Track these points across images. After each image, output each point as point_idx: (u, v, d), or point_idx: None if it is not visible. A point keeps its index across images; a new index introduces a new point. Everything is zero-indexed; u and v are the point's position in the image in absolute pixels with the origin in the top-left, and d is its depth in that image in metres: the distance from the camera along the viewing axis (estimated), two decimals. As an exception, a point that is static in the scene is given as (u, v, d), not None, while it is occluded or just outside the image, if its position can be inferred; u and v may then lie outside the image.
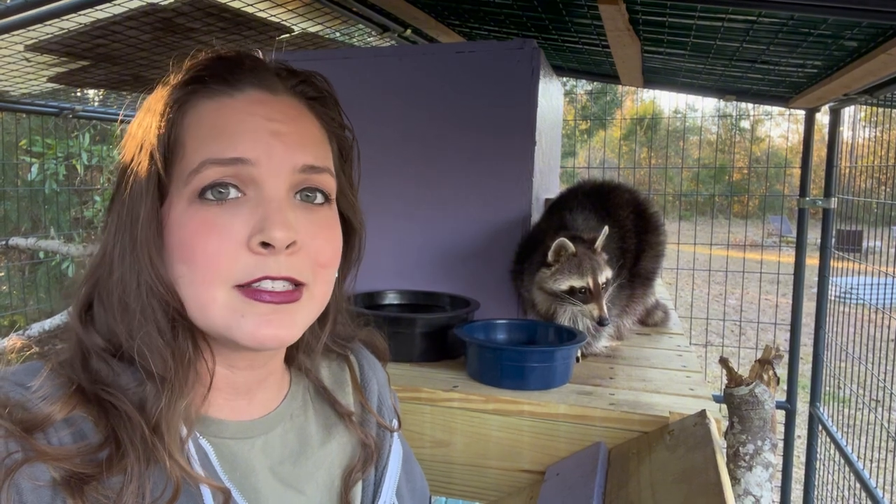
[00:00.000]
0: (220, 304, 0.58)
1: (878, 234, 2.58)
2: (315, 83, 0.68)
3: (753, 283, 3.28)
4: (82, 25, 1.85)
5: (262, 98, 0.63)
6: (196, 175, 0.59)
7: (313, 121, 0.66)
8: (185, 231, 0.58)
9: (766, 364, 0.97)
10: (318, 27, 2.19)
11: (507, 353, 1.14)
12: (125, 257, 0.59)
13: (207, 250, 0.57)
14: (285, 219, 0.59)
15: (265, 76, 0.64)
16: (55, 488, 0.50)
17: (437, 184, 1.53)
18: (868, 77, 1.77)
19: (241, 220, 0.58)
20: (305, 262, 0.61)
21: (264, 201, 0.59)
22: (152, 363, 0.57)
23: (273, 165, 0.60)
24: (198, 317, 0.60)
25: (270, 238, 0.57)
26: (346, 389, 0.78)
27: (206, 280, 0.58)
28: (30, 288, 4.07)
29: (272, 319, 0.59)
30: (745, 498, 0.90)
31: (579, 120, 4.31)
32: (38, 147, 3.88)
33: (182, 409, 0.57)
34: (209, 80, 0.62)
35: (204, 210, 0.58)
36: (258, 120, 0.61)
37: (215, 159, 0.59)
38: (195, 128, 0.61)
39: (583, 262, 1.25)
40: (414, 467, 0.85)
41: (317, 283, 0.63)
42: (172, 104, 0.61)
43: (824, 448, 2.71)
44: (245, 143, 0.60)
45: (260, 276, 0.58)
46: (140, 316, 0.58)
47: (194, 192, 0.59)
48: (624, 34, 1.72)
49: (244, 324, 0.58)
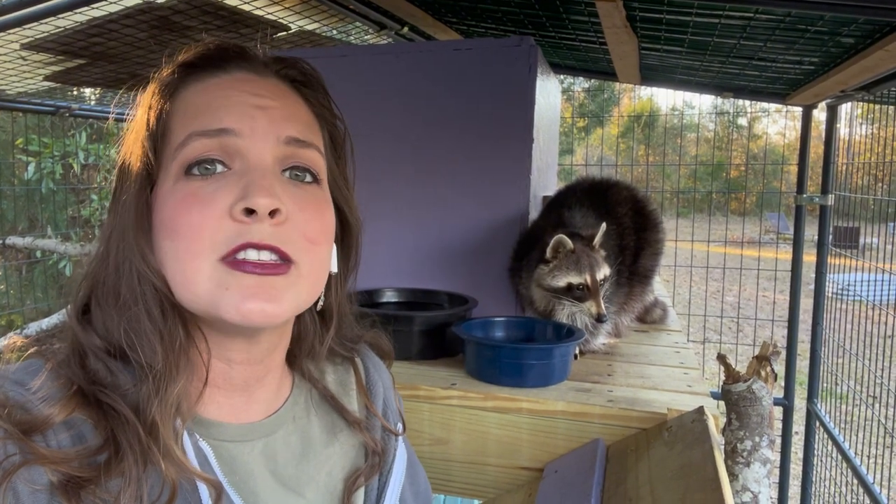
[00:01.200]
0: (204, 276, 0.57)
1: (874, 231, 2.59)
2: (301, 68, 0.69)
3: (751, 279, 3.29)
4: (78, 24, 1.85)
5: (248, 77, 0.64)
6: (182, 148, 0.59)
7: (300, 102, 0.67)
8: (169, 206, 0.58)
9: (764, 361, 0.98)
10: (316, 25, 2.19)
11: (505, 350, 1.14)
12: (119, 247, 0.59)
13: (191, 222, 0.57)
14: (270, 185, 0.58)
15: (251, 60, 0.66)
16: (52, 492, 0.50)
17: (434, 181, 1.53)
18: (865, 74, 1.78)
19: (225, 190, 0.58)
20: (293, 235, 0.59)
21: (249, 170, 0.59)
22: (140, 349, 0.56)
23: (257, 136, 0.60)
24: (183, 294, 0.58)
25: (253, 203, 0.56)
26: (351, 393, 0.77)
27: (189, 252, 0.57)
28: (27, 287, 4.06)
29: (257, 293, 0.57)
30: (743, 494, 0.90)
31: (577, 117, 4.31)
32: (35, 146, 3.87)
33: (175, 398, 0.56)
34: (196, 67, 0.64)
35: (190, 184, 0.59)
36: (243, 95, 0.62)
37: (200, 131, 0.59)
38: (182, 109, 0.62)
39: (581, 259, 1.25)
40: (418, 470, 0.84)
41: (306, 261, 0.61)
42: (161, 94, 0.62)
43: (822, 444, 2.72)
44: (230, 115, 0.60)
45: (242, 243, 0.56)
46: (132, 304, 0.58)
47: (181, 167, 0.59)
48: (621, 31, 1.72)
49: (228, 296, 0.56)
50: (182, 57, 0.64)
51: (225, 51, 0.65)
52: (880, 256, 2.44)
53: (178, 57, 0.64)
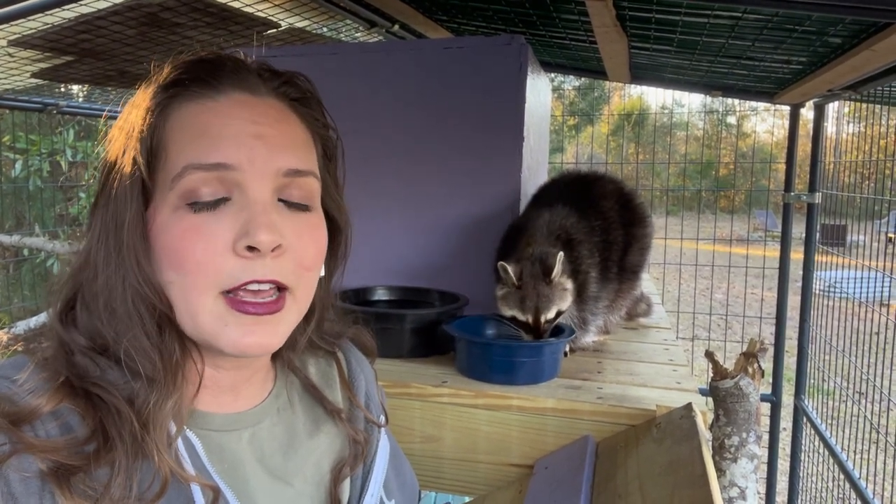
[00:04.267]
0: (206, 310, 0.59)
1: (861, 229, 2.61)
2: (298, 84, 0.68)
3: (739, 277, 3.31)
4: (66, 20, 1.83)
5: (245, 100, 0.63)
6: (179, 180, 0.59)
7: (297, 122, 0.66)
8: (171, 236, 0.59)
9: (751, 357, 0.99)
10: (306, 22, 2.18)
11: (495, 348, 1.15)
12: (110, 261, 0.59)
13: (196, 256, 0.58)
14: (270, 222, 0.59)
15: (247, 77, 0.64)
16: (43, 479, 0.51)
17: (425, 180, 1.53)
18: (852, 73, 1.79)
19: (226, 225, 0.58)
20: (290, 265, 0.61)
21: (249, 205, 0.59)
22: (140, 365, 0.57)
23: (256, 169, 0.60)
24: (187, 323, 0.60)
25: (256, 242, 0.57)
26: (333, 386, 0.78)
27: (196, 287, 0.58)
28: (14, 286, 4.03)
29: (255, 330, 0.60)
30: (731, 489, 0.91)
31: (567, 116, 4.32)
32: (22, 143, 3.84)
33: (171, 408, 0.57)
34: (190, 83, 0.62)
35: (190, 215, 0.59)
36: (241, 123, 0.61)
37: (197, 164, 0.59)
38: (177, 131, 0.61)
39: (526, 298, 1.17)
40: (402, 462, 0.85)
41: (300, 287, 0.63)
42: (154, 108, 0.61)
43: (809, 440, 2.74)
44: (228, 147, 0.59)
45: (247, 280, 0.58)
46: (127, 319, 0.58)
47: (179, 198, 0.59)
48: (611, 30, 1.73)
49: (228, 332, 0.59)
50: (174, 70, 0.63)
51: (219, 66, 0.63)
52: (867, 254, 2.46)
53: (172, 68, 0.63)
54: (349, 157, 0.74)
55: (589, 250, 1.30)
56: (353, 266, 0.76)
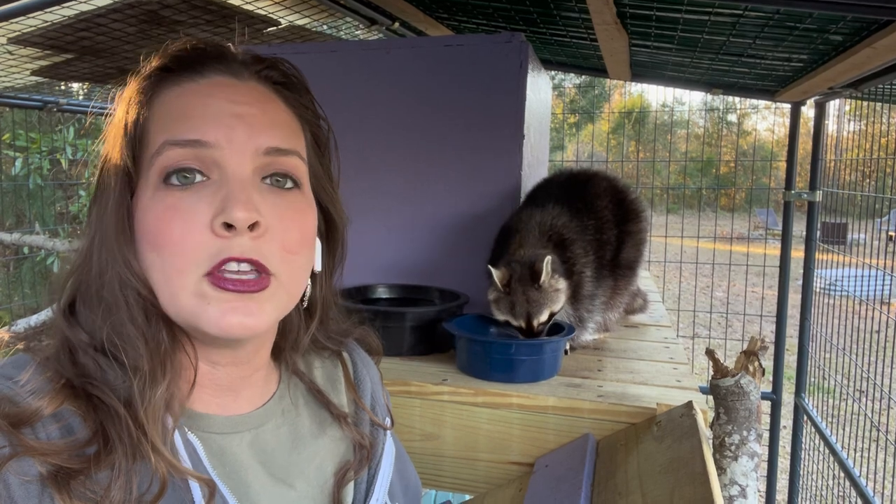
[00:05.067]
0: (188, 291, 0.58)
1: (862, 227, 2.61)
2: (281, 68, 0.68)
3: (740, 275, 3.31)
4: (66, 18, 1.83)
5: (226, 81, 0.63)
6: (157, 157, 0.59)
7: (280, 104, 0.66)
8: (150, 217, 0.58)
9: (752, 355, 0.98)
10: (306, 20, 2.18)
11: (496, 346, 1.14)
12: (101, 250, 0.59)
13: (174, 236, 0.57)
14: (248, 198, 0.58)
15: (230, 62, 0.64)
16: (43, 483, 0.50)
17: (425, 178, 1.53)
18: (853, 71, 1.79)
19: (204, 203, 0.58)
20: (272, 247, 0.60)
21: (227, 182, 0.58)
22: (124, 352, 0.56)
23: (235, 148, 0.59)
24: (168, 305, 0.59)
25: (232, 218, 0.56)
26: (339, 387, 0.77)
27: (174, 268, 0.57)
28: (14, 284, 4.03)
29: (237, 307, 0.58)
30: (731, 487, 0.91)
31: (568, 113, 4.32)
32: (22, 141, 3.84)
33: (162, 399, 0.56)
34: (174, 70, 0.62)
35: (169, 195, 0.58)
36: (221, 102, 0.61)
37: (174, 140, 0.58)
38: (159, 114, 0.61)
39: (516, 304, 1.17)
40: (407, 465, 0.84)
41: (284, 272, 0.61)
42: (139, 96, 0.61)
43: (809, 438, 2.74)
44: (207, 125, 0.59)
45: (223, 258, 0.57)
46: (114, 307, 0.58)
47: (158, 176, 0.59)
48: (611, 28, 1.72)
49: (209, 311, 0.57)
50: (159, 58, 0.63)
51: (202, 52, 0.64)
52: (867, 252, 2.46)
53: (156, 58, 0.63)
54: (349, 154, 0.74)
55: (583, 248, 1.29)
56: (353, 264, 0.76)
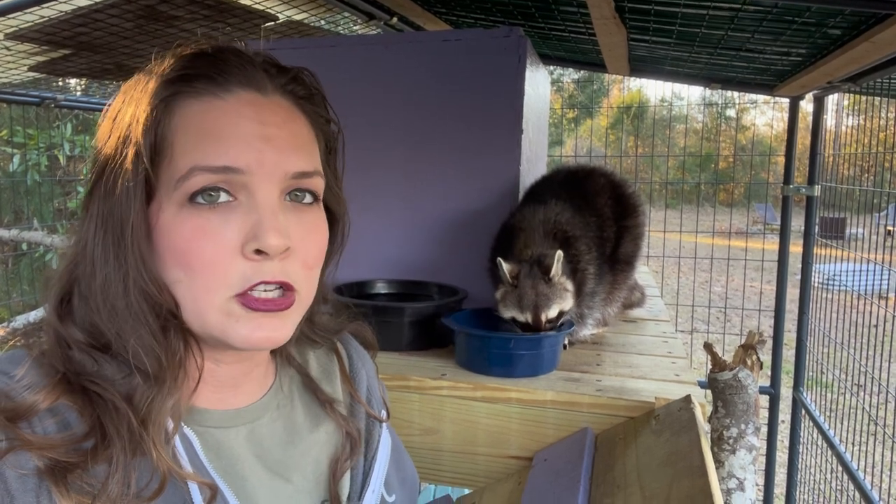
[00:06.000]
0: (216, 309, 0.59)
1: (860, 222, 2.61)
2: (304, 81, 0.67)
3: (738, 270, 3.31)
4: (63, 13, 1.82)
5: (252, 99, 0.61)
6: (185, 181, 0.58)
7: (304, 121, 0.66)
8: (177, 236, 0.58)
9: (750, 349, 0.99)
10: (304, 15, 2.17)
11: (494, 340, 1.15)
12: (109, 258, 0.58)
13: (204, 257, 0.57)
14: (279, 225, 0.59)
15: (254, 74, 0.62)
16: (40, 476, 0.50)
17: (423, 173, 1.53)
18: (851, 65, 1.79)
19: (234, 226, 0.58)
20: (295, 266, 0.61)
21: (257, 208, 0.59)
22: (147, 363, 0.57)
23: (265, 172, 0.59)
24: (194, 321, 0.60)
25: (266, 246, 0.57)
26: (334, 380, 0.78)
27: (205, 287, 0.58)
28: (13, 280, 4.02)
29: (264, 324, 0.60)
30: (729, 480, 0.91)
31: (566, 109, 4.32)
32: (20, 137, 3.83)
33: (171, 406, 0.57)
34: (195, 79, 0.60)
35: (195, 215, 0.58)
36: (249, 124, 0.60)
37: (204, 166, 0.58)
38: (183, 130, 0.59)
39: (524, 297, 1.15)
40: (404, 457, 0.85)
41: (304, 286, 0.63)
42: (158, 102, 0.59)
43: (807, 432, 2.75)
44: (236, 149, 0.58)
45: (257, 282, 0.59)
46: (130, 317, 0.57)
47: (184, 196, 0.58)
48: (610, 22, 1.72)
49: (239, 328, 0.59)
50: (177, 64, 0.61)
51: (226, 63, 0.62)
52: (866, 247, 2.46)
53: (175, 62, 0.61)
54: (347, 149, 0.74)
55: (587, 245, 1.29)
56: (352, 259, 0.76)
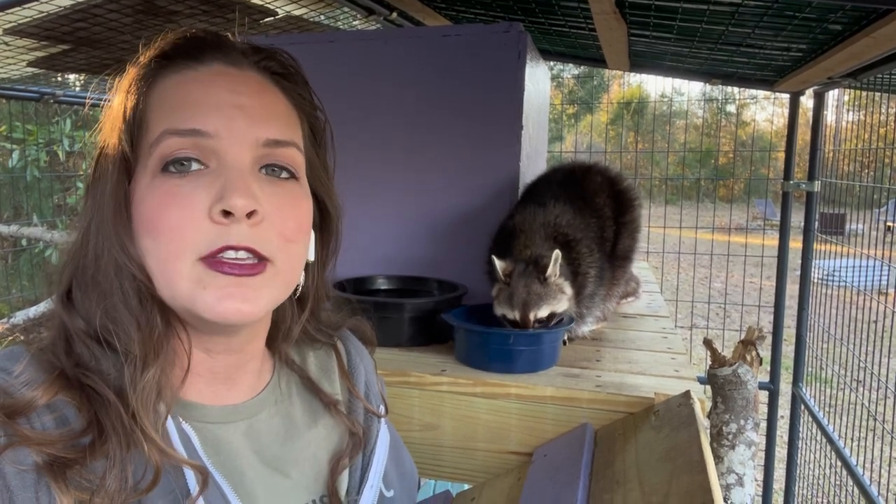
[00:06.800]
0: (184, 276, 0.58)
1: (860, 217, 2.61)
2: (280, 59, 0.68)
3: (738, 266, 3.31)
4: (62, 8, 1.82)
5: (226, 71, 0.63)
6: (156, 146, 0.59)
7: (279, 95, 0.66)
8: (147, 204, 0.59)
9: (749, 345, 0.99)
10: (303, 10, 2.17)
11: (494, 336, 1.15)
12: (97, 236, 0.59)
13: (171, 222, 0.57)
14: (246, 186, 0.58)
15: (229, 51, 0.64)
16: (39, 473, 0.51)
17: (423, 168, 1.53)
18: (852, 60, 1.78)
19: (202, 191, 0.58)
20: (269, 235, 0.60)
21: (225, 171, 0.59)
22: (117, 336, 0.57)
23: (235, 138, 0.60)
24: (164, 291, 0.59)
25: (231, 206, 0.57)
26: (332, 377, 0.78)
27: (171, 253, 0.58)
28: (13, 276, 4.02)
29: (234, 293, 0.58)
30: (728, 476, 0.91)
31: (566, 104, 4.31)
32: (19, 133, 3.83)
33: (153, 384, 0.56)
34: (174, 56, 0.63)
35: (167, 182, 0.58)
36: (221, 92, 0.61)
37: (173, 129, 0.59)
38: (159, 102, 0.61)
39: (514, 294, 1.16)
40: (402, 453, 0.85)
41: (282, 259, 0.62)
42: (138, 82, 0.61)
43: (806, 428, 2.76)
44: (206, 115, 0.59)
45: (222, 246, 0.57)
46: (108, 291, 0.58)
47: (157, 164, 0.59)
48: (610, 17, 1.72)
49: (206, 296, 0.58)
50: (158, 46, 0.63)
51: (202, 40, 0.64)
52: (866, 242, 2.46)
53: (155, 45, 0.63)
54: (346, 146, 0.74)
55: (587, 248, 1.28)
56: (351, 255, 0.76)
